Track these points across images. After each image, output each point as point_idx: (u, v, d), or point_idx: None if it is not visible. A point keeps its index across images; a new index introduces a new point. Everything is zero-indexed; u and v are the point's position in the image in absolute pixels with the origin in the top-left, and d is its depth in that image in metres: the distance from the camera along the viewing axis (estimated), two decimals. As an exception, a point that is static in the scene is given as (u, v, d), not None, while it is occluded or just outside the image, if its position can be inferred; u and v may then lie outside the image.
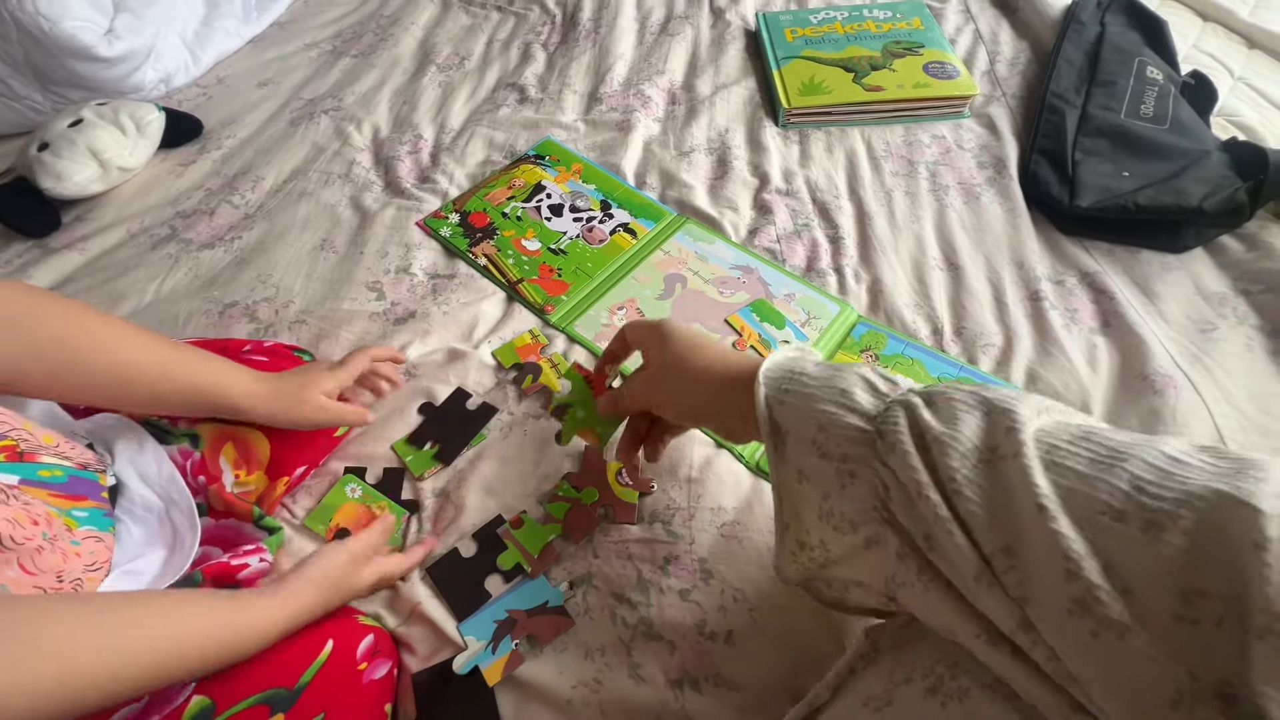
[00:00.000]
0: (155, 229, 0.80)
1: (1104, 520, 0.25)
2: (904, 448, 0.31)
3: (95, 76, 0.90)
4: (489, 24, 1.09)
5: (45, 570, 0.37)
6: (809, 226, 0.76)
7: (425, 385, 0.62)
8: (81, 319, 0.44)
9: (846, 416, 0.34)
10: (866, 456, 0.33)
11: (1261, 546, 0.21)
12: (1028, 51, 0.94)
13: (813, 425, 0.35)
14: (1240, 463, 0.25)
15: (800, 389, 0.37)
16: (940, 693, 0.30)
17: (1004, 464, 0.28)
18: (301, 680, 0.39)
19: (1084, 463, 0.27)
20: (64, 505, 0.40)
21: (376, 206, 0.80)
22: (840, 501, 0.34)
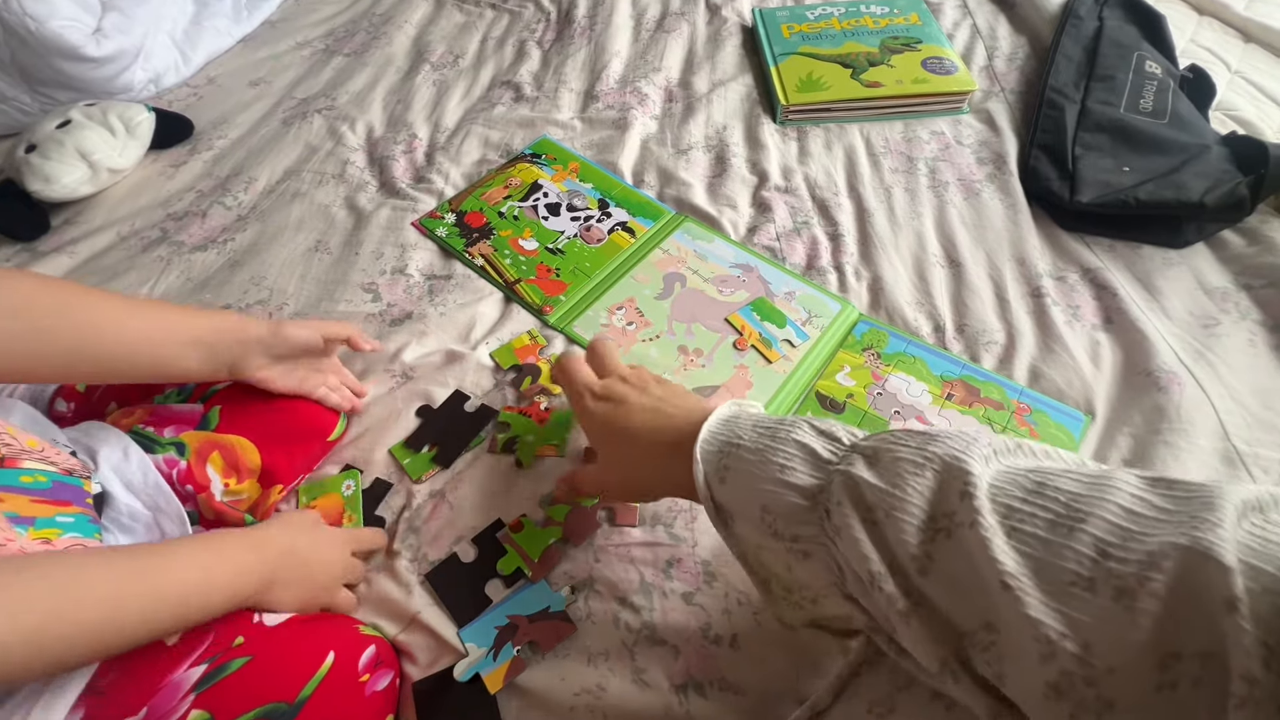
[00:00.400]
0: (146, 231, 0.78)
1: (1075, 592, 0.24)
2: (852, 533, 0.30)
3: (83, 77, 0.89)
4: (483, 22, 1.08)
5: None
6: (809, 224, 0.75)
7: (423, 388, 0.61)
8: (82, 296, 0.45)
9: (788, 496, 0.33)
10: (816, 535, 0.32)
11: (1234, 607, 0.21)
12: (1026, 46, 0.94)
13: (756, 505, 0.34)
14: (1193, 503, 0.24)
15: (739, 465, 0.35)
16: (945, 697, 0.30)
17: (961, 532, 0.27)
18: (303, 694, 0.39)
19: (1043, 525, 0.26)
20: (48, 512, 0.39)
21: (371, 207, 0.79)
22: (802, 573, 0.33)
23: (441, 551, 0.52)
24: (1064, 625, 0.24)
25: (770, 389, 0.62)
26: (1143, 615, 0.23)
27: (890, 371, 0.62)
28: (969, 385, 0.61)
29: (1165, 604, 0.22)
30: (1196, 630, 0.22)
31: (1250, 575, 0.21)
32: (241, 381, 0.53)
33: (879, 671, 0.35)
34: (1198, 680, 0.21)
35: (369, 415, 0.60)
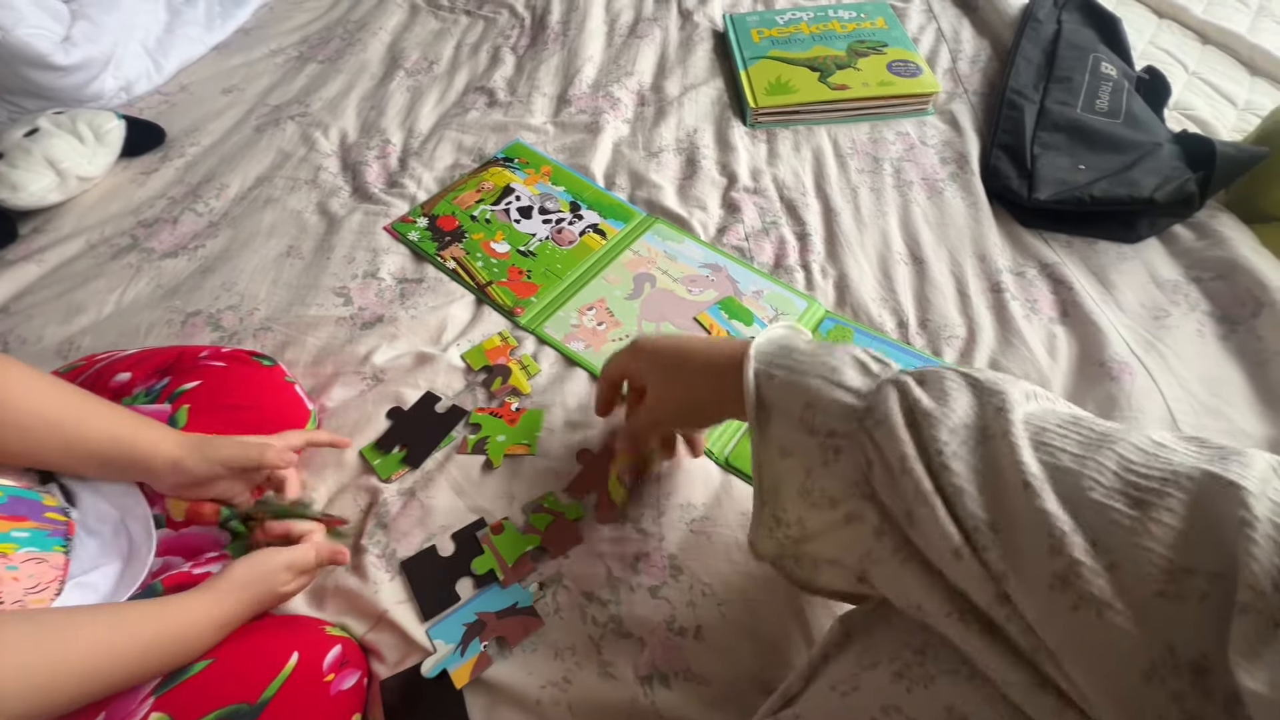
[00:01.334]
0: (116, 239, 0.78)
1: (1092, 497, 0.25)
2: (892, 421, 0.31)
3: (52, 85, 0.88)
4: (458, 28, 1.09)
5: None
6: (777, 224, 0.76)
7: (394, 390, 0.62)
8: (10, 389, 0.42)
9: (836, 392, 0.34)
10: (854, 432, 0.33)
11: (1249, 525, 0.22)
12: (988, 49, 0.96)
13: (800, 401, 0.35)
14: (1224, 450, 0.26)
15: (791, 364, 0.37)
16: (907, 677, 0.31)
17: (992, 442, 0.29)
18: (265, 695, 0.39)
19: (1073, 444, 0.27)
20: (4, 527, 0.39)
21: (344, 212, 0.79)
22: (822, 478, 0.34)
23: (411, 549, 0.52)
24: (1076, 522, 0.25)
25: (737, 385, 0.63)
26: (1155, 525, 0.24)
27: (855, 367, 0.64)
28: (931, 379, 0.62)
29: (1182, 518, 0.23)
30: (1210, 550, 0.22)
31: (1272, 510, 0.22)
32: (210, 379, 0.53)
33: (846, 655, 0.36)
34: (1205, 595, 0.22)
35: (340, 416, 0.61)
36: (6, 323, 0.69)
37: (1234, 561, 0.22)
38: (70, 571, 0.42)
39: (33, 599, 0.39)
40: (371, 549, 0.52)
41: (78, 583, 0.42)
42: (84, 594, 0.42)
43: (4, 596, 0.37)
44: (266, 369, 0.59)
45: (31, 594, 0.39)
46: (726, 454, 0.58)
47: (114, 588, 0.44)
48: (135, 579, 0.44)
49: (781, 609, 0.48)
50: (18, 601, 0.38)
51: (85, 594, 0.42)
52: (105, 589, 0.44)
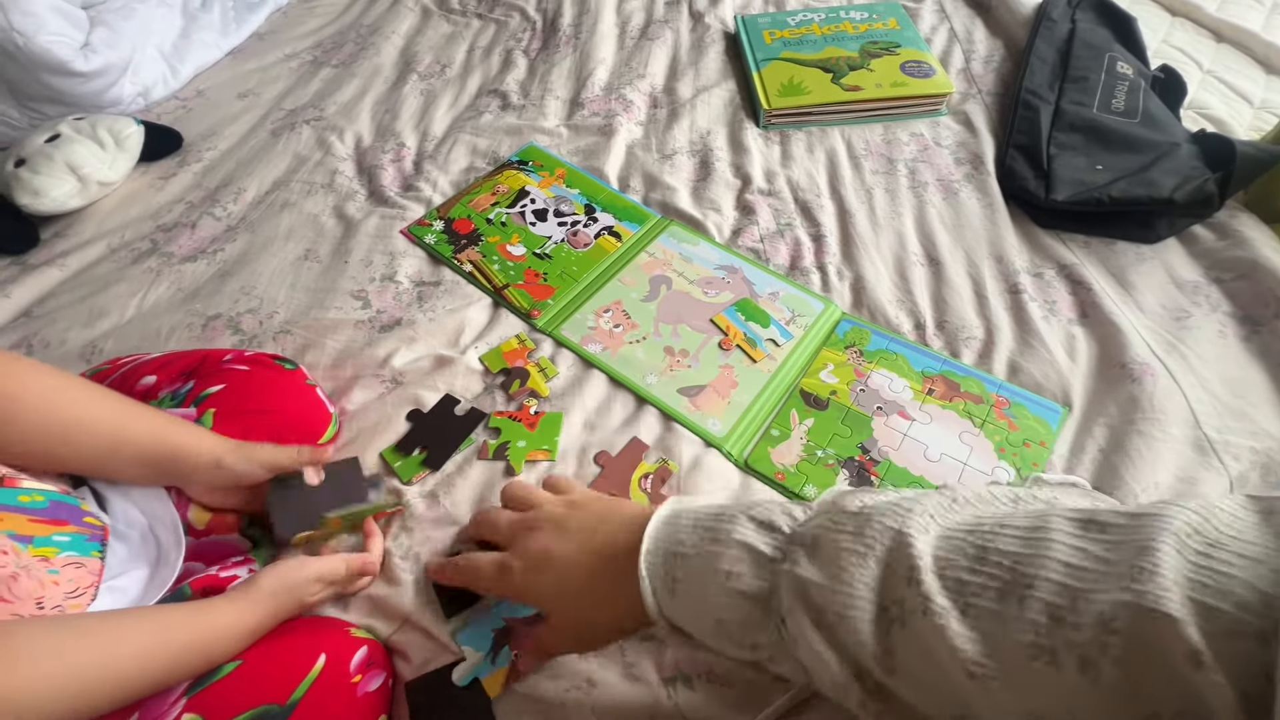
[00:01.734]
0: (136, 243, 0.79)
1: (1038, 668, 0.24)
2: (808, 640, 0.29)
3: (72, 91, 0.89)
4: (470, 31, 1.09)
5: (22, 597, 0.37)
6: (791, 226, 0.76)
7: (412, 392, 0.62)
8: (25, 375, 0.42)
9: (740, 607, 0.32)
10: (776, 643, 0.31)
11: (1198, 660, 0.20)
12: (1001, 49, 0.96)
13: (711, 619, 0.33)
14: (1127, 549, 0.24)
15: (685, 576, 0.33)
16: None
17: (915, 620, 0.27)
18: (294, 696, 0.39)
19: (994, 597, 0.26)
20: (45, 531, 0.40)
21: (360, 215, 0.80)
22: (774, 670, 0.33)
23: (436, 554, 0.52)
24: (1037, 705, 0.24)
25: (755, 388, 0.63)
26: (1108, 686, 0.22)
27: (872, 368, 0.64)
28: (949, 380, 0.62)
29: (1127, 669, 0.22)
30: (1167, 689, 0.21)
31: (1205, 617, 0.21)
32: (233, 383, 0.54)
33: None
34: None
35: (359, 419, 0.61)
36: (30, 326, 0.70)
37: (1199, 697, 0.20)
38: (103, 575, 0.42)
39: (71, 604, 0.39)
40: (395, 551, 0.52)
41: (109, 586, 0.42)
42: (115, 598, 0.43)
43: (45, 601, 0.38)
44: (288, 373, 0.59)
45: (70, 598, 0.39)
46: (745, 456, 0.58)
47: (143, 592, 0.45)
48: (164, 584, 0.45)
49: (804, 611, 0.48)
50: (57, 606, 0.38)
51: (116, 598, 0.43)
52: (135, 593, 0.44)
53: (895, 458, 0.58)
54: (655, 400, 0.62)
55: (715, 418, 0.61)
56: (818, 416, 0.61)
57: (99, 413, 0.44)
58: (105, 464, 0.45)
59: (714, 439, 0.59)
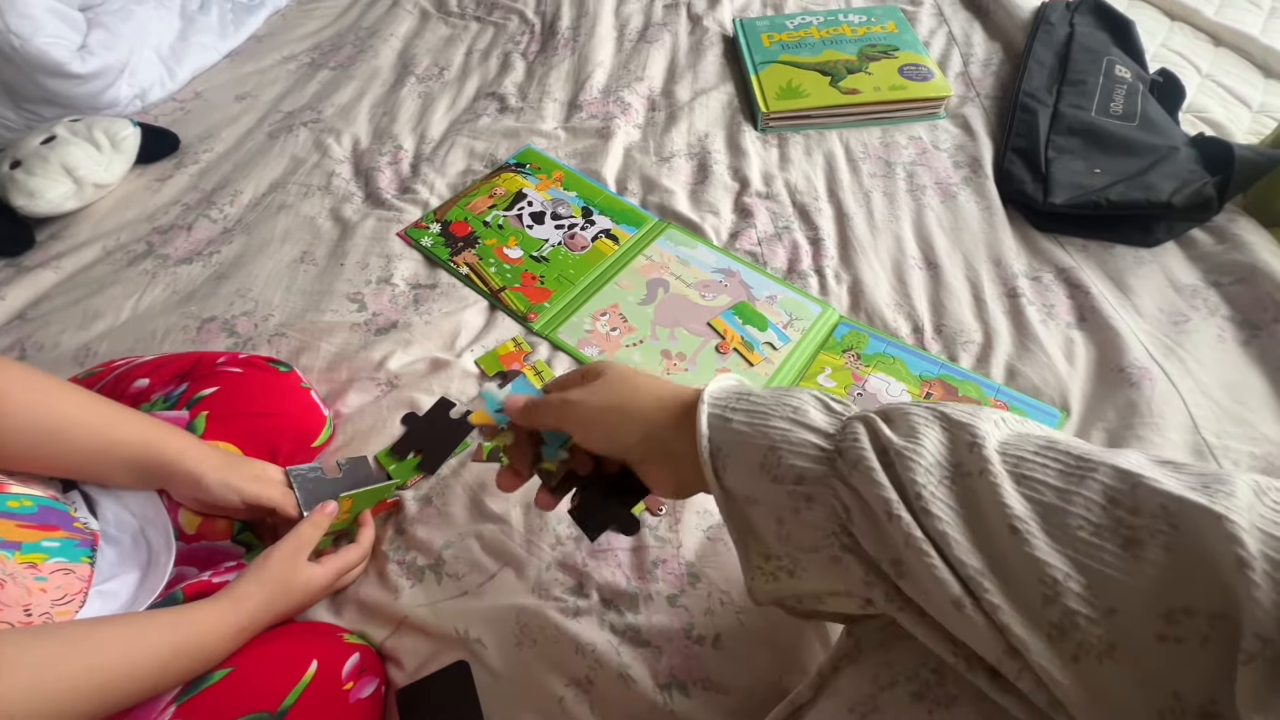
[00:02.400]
0: (132, 245, 0.79)
1: (1082, 536, 0.24)
2: (868, 464, 0.29)
3: (69, 93, 0.89)
4: (468, 34, 1.09)
5: (10, 604, 0.36)
6: (789, 229, 0.76)
7: (408, 395, 0.62)
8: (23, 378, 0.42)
9: (800, 433, 0.31)
10: (825, 476, 0.30)
11: (1247, 565, 0.21)
12: (1000, 53, 0.96)
13: (762, 446, 0.32)
14: (1205, 476, 0.25)
15: (748, 407, 0.34)
16: (927, 699, 0.30)
17: (970, 481, 0.27)
18: (285, 703, 0.39)
19: (1054, 475, 0.26)
20: (34, 537, 0.39)
21: (357, 218, 0.80)
22: (794, 527, 0.31)
23: (430, 557, 0.52)
24: (1069, 566, 0.24)
25: (752, 391, 0.62)
26: (1150, 565, 0.23)
27: (870, 372, 0.63)
28: (947, 384, 0.62)
29: (1175, 558, 0.23)
30: (1208, 589, 0.22)
31: (1264, 542, 0.21)
32: (227, 385, 0.54)
33: (862, 669, 0.34)
34: (1206, 638, 0.21)
35: (354, 422, 0.61)
36: (24, 329, 0.70)
37: (1234, 601, 0.21)
38: (93, 580, 0.42)
39: (59, 610, 0.39)
40: (391, 555, 0.52)
41: (99, 591, 0.42)
42: (105, 602, 0.42)
43: (31, 609, 0.37)
44: (282, 375, 0.59)
45: (58, 605, 0.39)
46: (742, 460, 0.58)
47: (133, 596, 0.44)
48: (154, 588, 0.44)
49: (802, 621, 0.48)
50: (44, 614, 0.38)
51: (106, 602, 0.42)
52: (125, 597, 0.44)
53: (893, 462, 0.57)
54: (652, 404, 0.61)
55: (712, 422, 0.60)
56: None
57: (87, 416, 0.44)
58: (94, 467, 0.45)
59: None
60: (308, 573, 0.45)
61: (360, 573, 0.51)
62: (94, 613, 0.42)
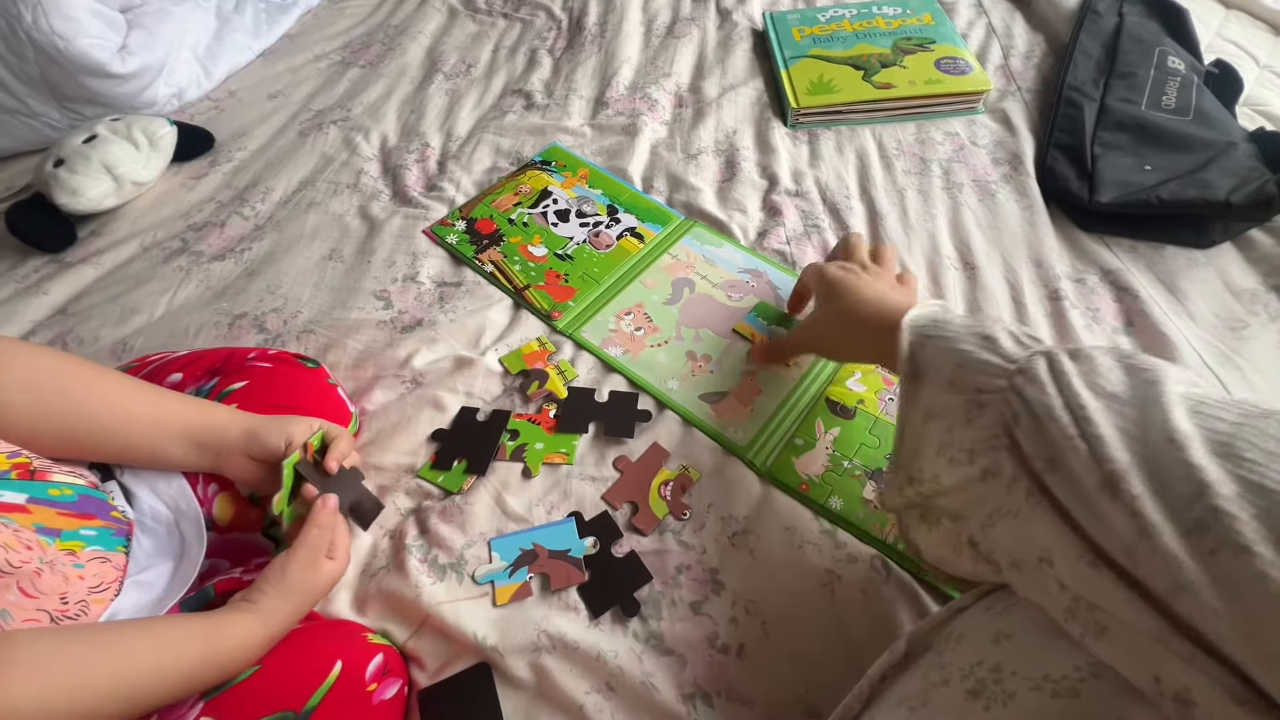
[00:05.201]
0: (167, 242, 0.80)
1: (1248, 456, 0.25)
2: (1041, 379, 0.33)
3: (109, 93, 0.92)
4: (495, 31, 1.09)
5: (47, 592, 0.37)
6: (819, 228, 0.74)
7: (433, 393, 0.62)
8: (57, 364, 0.44)
9: (986, 354, 0.36)
10: (1001, 389, 0.34)
11: None
12: (1043, 44, 0.92)
13: (951, 363, 0.37)
14: None
15: (943, 333, 0.40)
16: (984, 696, 0.29)
17: (1140, 408, 0.29)
18: (310, 703, 0.39)
19: (1233, 414, 0.27)
20: (73, 525, 0.40)
21: (384, 215, 0.80)
22: (962, 432, 0.35)
23: (452, 556, 0.52)
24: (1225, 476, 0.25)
25: (780, 394, 0.61)
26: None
27: (903, 376, 0.61)
28: (984, 390, 0.60)
29: None
30: None
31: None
32: (256, 380, 0.54)
33: (910, 673, 0.34)
34: None
35: (379, 420, 0.61)
36: (66, 324, 0.72)
37: None
38: (128, 570, 0.43)
39: (95, 598, 0.39)
40: (414, 552, 0.52)
41: (135, 581, 0.43)
42: (140, 592, 0.43)
43: (69, 597, 0.38)
44: (310, 371, 0.60)
45: (95, 593, 0.40)
46: (768, 465, 0.57)
47: (167, 586, 0.45)
48: (186, 579, 0.45)
49: (828, 631, 0.46)
50: (81, 602, 0.39)
51: (142, 592, 0.43)
52: (160, 587, 0.45)
53: (926, 470, 0.55)
54: (676, 406, 0.60)
55: (738, 425, 0.59)
56: (844, 426, 0.59)
57: (138, 394, 0.46)
58: (148, 441, 0.46)
59: (736, 447, 0.58)
60: (326, 571, 0.46)
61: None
62: (130, 602, 0.42)
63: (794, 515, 0.53)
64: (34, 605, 0.37)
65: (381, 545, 0.53)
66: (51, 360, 0.44)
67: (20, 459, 0.40)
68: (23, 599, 0.36)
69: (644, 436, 0.58)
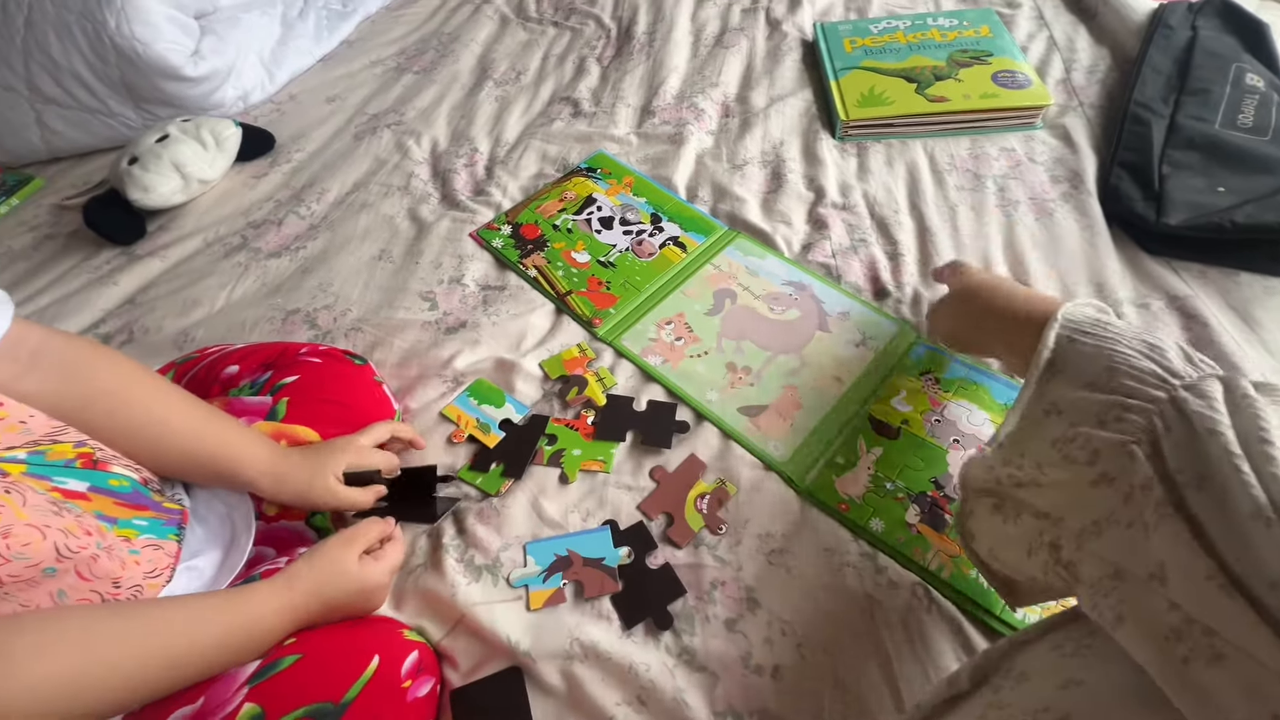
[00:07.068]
0: (228, 238, 0.84)
1: None
2: (1213, 397, 0.30)
3: (181, 94, 0.96)
4: (545, 39, 1.11)
5: (101, 576, 0.39)
6: (866, 242, 0.73)
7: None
8: (132, 376, 0.47)
9: (1148, 363, 0.34)
10: (1158, 399, 0.32)
11: None
12: (1108, 58, 0.89)
13: (1100, 364, 0.36)
14: None
15: (1102, 333, 0.38)
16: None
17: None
18: (347, 696, 0.40)
19: None
20: (127, 514, 0.42)
21: (432, 218, 0.82)
22: (1091, 433, 0.34)
23: (488, 558, 0.52)
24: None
25: (821, 410, 0.60)
26: None
27: (950, 398, 0.59)
28: (1037, 416, 0.57)
29: None
30: None
31: None
32: (307, 374, 0.56)
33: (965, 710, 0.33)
34: None
35: (422, 417, 0.62)
36: (133, 313, 0.76)
37: None
38: (180, 557, 0.44)
39: (149, 583, 0.41)
40: (451, 551, 0.52)
41: (186, 567, 0.44)
42: (191, 578, 0.45)
43: (122, 581, 0.39)
44: (358, 368, 0.61)
45: (149, 578, 0.41)
46: (808, 482, 0.56)
47: (216, 573, 0.47)
48: (234, 566, 0.46)
49: (867, 657, 0.45)
50: (135, 586, 0.40)
51: (192, 578, 0.44)
52: (209, 574, 0.46)
53: (973, 497, 0.53)
54: (715, 418, 0.60)
55: (777, 440, 0.58)
56: (888, 446, 0.57)
57: (181, 422, 0.47)
58: (177, 470, 0.48)
59: (775, 462, 0.57)
60: (361, 564, 0.46)
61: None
62: (181, 586, 0.44)
63: (834, 536, 0.52)
64: (88, 588, 0.39)
65: (420, 543, 0.54)
66: (129, 371, 0.47)
67: (85, 448, 0.42)
68: (79, 582, 0.38)
69: (681, 447, 0.58)
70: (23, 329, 0.42)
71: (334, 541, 0.46)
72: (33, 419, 0.40)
